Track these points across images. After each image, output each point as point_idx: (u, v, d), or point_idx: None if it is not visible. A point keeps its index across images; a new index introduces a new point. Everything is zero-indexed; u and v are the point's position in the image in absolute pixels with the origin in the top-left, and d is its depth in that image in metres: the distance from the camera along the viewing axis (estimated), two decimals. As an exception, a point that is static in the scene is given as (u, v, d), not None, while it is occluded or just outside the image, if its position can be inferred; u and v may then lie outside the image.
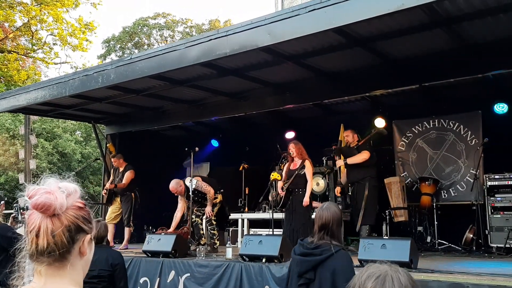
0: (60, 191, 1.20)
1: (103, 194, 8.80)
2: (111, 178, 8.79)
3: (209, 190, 7.37)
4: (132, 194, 8.49)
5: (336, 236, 3.01)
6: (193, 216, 7.44)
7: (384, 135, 7.60)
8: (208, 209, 7.33)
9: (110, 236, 8.32)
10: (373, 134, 7.40)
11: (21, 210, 8.78)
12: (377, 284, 1.26)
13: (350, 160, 6.90)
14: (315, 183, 8.42)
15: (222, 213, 8.03)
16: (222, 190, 7.61)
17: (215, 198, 7.42)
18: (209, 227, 7.37)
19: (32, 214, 1.19)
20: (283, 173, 6.71)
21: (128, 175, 8.41)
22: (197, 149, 7.52)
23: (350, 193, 7.62)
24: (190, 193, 7.28)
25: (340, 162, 6.80)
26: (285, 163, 6.83)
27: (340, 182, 7.44)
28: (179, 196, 7.58)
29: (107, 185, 8.63)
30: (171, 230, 7.57)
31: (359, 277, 1.32)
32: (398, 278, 1.27)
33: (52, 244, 1.17)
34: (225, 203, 7.91)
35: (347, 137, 7.22)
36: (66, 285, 1.20)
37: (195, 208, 7.43)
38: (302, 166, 6.48)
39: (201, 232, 7.42)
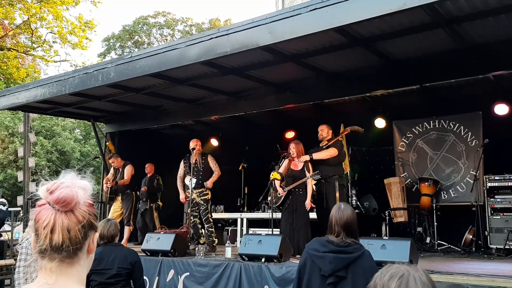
0: (79, 187, 1.22)
1: (104, 191, 8.77)
2: (111, 175, 8.75)
3: (218, 170, 7.50)
4: (133, 193, 8.48)
5: (357, 236, 3.04)
6: (192, 217, 7.42)
7: (360, 133, 7.38)
8: (209, 182, 7.38)
9: None
10: (346, 132, 7.20)
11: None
12: (401, 284, 1.27)
13: (316, 155, 6.59)
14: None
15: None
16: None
17: (207, 194, 7.42)
18: (206, 225, 7.34)
19: (42, 210, 1.19)
20: (282, 169, 6.68)
21: (128, 170, 8.40)
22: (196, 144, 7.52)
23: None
24: (190, 192, 7.26)
25: (305, 157, 6.60)
26: (284, 161, 6.80)
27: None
28: (182, 164, 7.65)
29: (106, 183, 8.58)
30: (182, 197, 7.61)
31: (381, 277, 1.33)
32: (420, 277, 1.29)
33: (67, 240, 1.17)
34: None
35: (322, 131, 6.91)
36: (75, 283, 1.21)
37: (191, 209, 7.41)
38: (304, 170, 6.48)
39: (200, 232, 7.40)
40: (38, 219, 1.19)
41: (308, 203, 6.31)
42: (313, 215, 6.77)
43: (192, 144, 7.53)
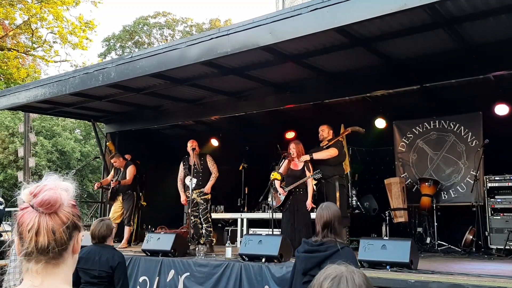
0: (62, 189, 1.23)
1: (96, 187, 8.76)
2: (111, 175, 8.75)
3: (216, 171, 7.46)
4: (134, 193, 8.46)
5: (339, 233, 3.10)
6: (192, 217, 7.42)
7: (361, 133, 7.43)
8: (207, 187, 7.35)
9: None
10: (347, 132, 7.23)
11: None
12: (333, 285, 1.32)
13: (316, 155, 6.62)
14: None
15: None
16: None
17: (206, 194, 7.42)
18: (205, 225, 7.33)
19: (25, 214, 1.19)
20: (282, 169, 6.68)
21: (130, 170, 8.39)
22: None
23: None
24: (190, 191, 7.26)
25: (305, 157, 6.63)
26: (283, 161, 6.80)
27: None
28: (182, 164, 7.62)
29: (112, 183, 8.55)
30: (183, 199, 7.57)
31: (318, 277, 1.38)
32: (353, 278, 1.33)
33: (52, 242, 1.18)
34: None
35: (322, 131, 6.95)
36: (61, 283, 1.22)
37: (191, 209, 7.41)
38: (304, 169, 6.48)
39: (200, 231, 7.40)
40: (22, 223, 1.19)
41: (309, 203, 6.31)
42: (313, 215, 6.78)
43: (190, 145, 7.53)
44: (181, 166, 7.64)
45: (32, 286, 1.18)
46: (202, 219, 7.37)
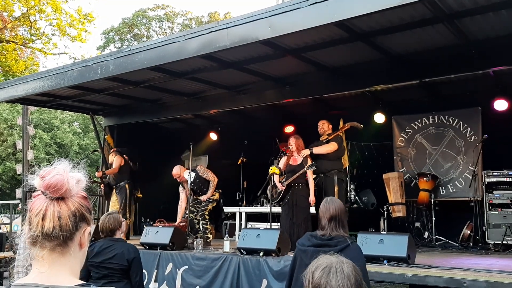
0: (71, 176, 1.24)
1: (101, 187, 8.76)
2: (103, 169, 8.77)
3: (213, 177, 7.38)
4: (126, 185, 8.42)
5: (346, 227, 3.05)
6: (187, 212, 7.41)
7: (359, 129, 7.44)
8: (207, 195, 7.30)
9: None
10: (346, 127, 7.26)
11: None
12: (323, 274, 1.41)
13: (316, 150, 6.65)
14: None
15: (218, 212, 7.98)
16: (220, 190, 7.57)
17: (213, 195, 7.39)
18: (201, 222, 7.32)
19: (36, 200, 1.22)
20: (281, 165, 6.68)
21: (116, 161, 8.36)
22: None
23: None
24: (189, 186, 7.26)
25: (305, 151, 6.66)
26: (283, 156, 6.81)
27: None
28: (180, 187, 7.55)
29: (97, 173, 8.58)
30: (178, 221, 7.54)
31: (311, 267, 1.46)
32: (342, 268, 1.42)
33: (57, 227, 1.20)
34: (221, 203, 7.87)
35: (322, 125, 7.02)
36: (67, 274, 1.22)
37: (190, 204, 7.40)
38: (302, 164, 6.48)
39: (197, 227, 7.40)
40: (31, 208, 1.22)
41: (312, 199, 6.31)
42: (313, 210, 6.79)
43: (175, 176, 7.48)
44: (180, 188, 7.62)
45: (39, 273, 1.19)
46: (198, 215, 7.35)
